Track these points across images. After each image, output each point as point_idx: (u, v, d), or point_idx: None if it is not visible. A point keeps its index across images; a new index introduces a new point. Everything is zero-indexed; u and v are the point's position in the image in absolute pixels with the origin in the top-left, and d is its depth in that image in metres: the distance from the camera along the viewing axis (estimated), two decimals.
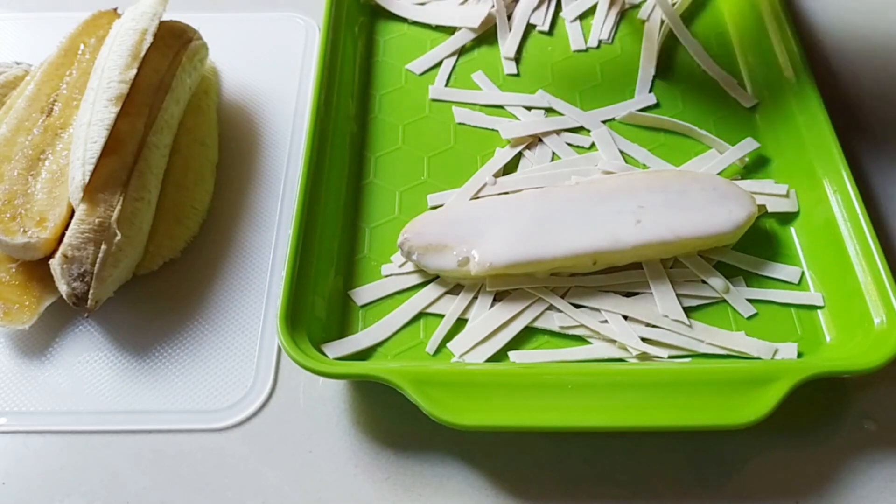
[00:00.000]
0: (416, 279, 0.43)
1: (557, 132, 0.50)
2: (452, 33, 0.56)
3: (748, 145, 0.48)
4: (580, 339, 0.41)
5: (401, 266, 0.44)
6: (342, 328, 0.42)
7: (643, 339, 0.40)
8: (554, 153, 0.49)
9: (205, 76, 0.53)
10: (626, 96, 0.52)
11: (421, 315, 0.42)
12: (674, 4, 0.57)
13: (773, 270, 0.44)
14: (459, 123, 0.51)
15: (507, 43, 0.55)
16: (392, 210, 0.47)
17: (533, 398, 0.37)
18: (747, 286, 0.43)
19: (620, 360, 0.40)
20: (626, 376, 0.38)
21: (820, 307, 0.42)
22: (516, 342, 0.41)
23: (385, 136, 0.50)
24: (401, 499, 0.37)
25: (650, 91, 0.52)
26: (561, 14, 0.58)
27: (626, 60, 0.55)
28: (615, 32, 0.57)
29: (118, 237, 0.41)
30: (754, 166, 0.48)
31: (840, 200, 0.44)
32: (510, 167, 0.48)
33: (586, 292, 0.42)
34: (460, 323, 0.42)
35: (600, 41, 0.56)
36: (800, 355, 0.40)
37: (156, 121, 0.46)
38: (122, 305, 0.43)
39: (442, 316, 0.42)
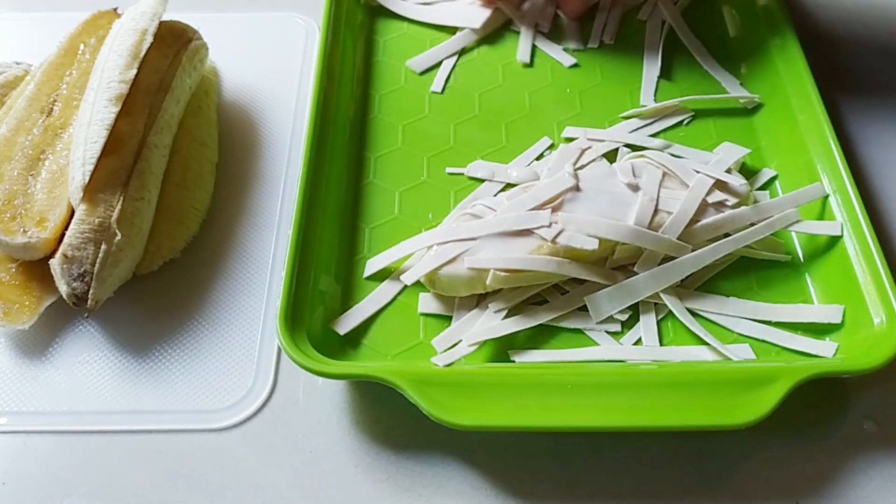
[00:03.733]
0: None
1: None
2: (454, 33, 0.56)
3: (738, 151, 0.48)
4: (580, 340, 0.41)
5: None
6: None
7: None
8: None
9: (205, 76, 0.53)
10: (628, 98, 0.52)
11: (421, 315, 0.42)
12: (675, 3, 0.57)
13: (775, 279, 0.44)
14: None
15: (521, 48, 0.55)
16: (392, 210, 0.47)
17: (533, 398, 0.37)
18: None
19: (621, 360, 0.40)
20: (626, 376, 0.38)
21: (837, 325, 0.41)
22: (517, 342, 0.41)
23: (385, 136, 0.50)
24: (401, 499, 0.37)
25: (654, 93, 0.52)
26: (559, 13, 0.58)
27: (627, 61, 0.55)
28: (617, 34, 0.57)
29: (118, 237, 0.41)
30: (754, 166, 0.48)
31: (840, 200, 0.44)
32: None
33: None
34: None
35: (601, 42, 0.56)
36: (802, 354, 0.40)
37: (156, 121, 0.46)
38: (122, 305, 0.43)
39: (442, 316, 0.42)
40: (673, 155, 0.48)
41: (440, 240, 0.42)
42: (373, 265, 0.44)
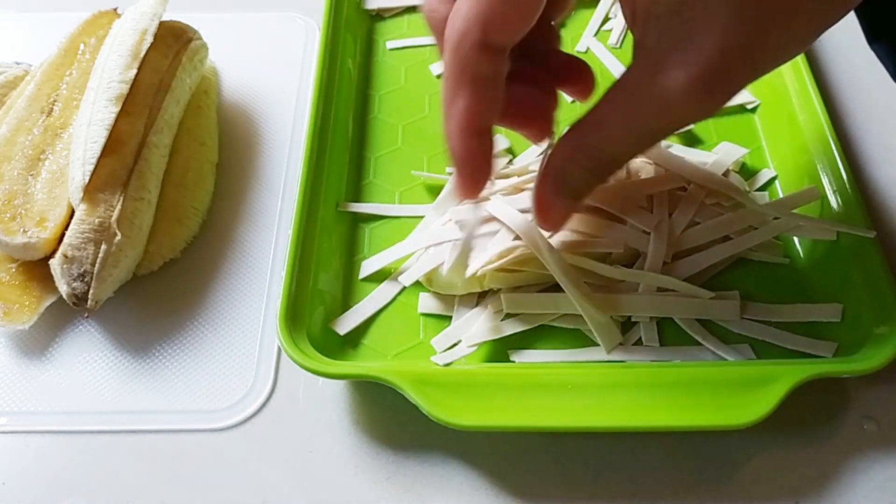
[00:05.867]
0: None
1: None
2: None
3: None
4: (580, 340, 0.41)
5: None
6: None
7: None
8: None
9: (205, 76, 0.53)
10: None
11: (421, 315, 0.42)
12: None
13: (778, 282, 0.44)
14: None
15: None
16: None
17: (533, 398, 0.37)
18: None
19: (621, 360, 0.40)
20: (626, 376, 0.38)
21: (836, 321, 0.41)
22: (517, 342, 0.41)
23: (385, 136, 0.50)
24: (401, 499, 0.37)
25: None
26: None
27: (627, 62, 0.55)
28: (624, 36, 0.56)
29: (118, 237, 0.41)
30: (754, 166, 0.48)
31: (840, 200, 0.44)
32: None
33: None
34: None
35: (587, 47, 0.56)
36: (802, 354, 0.40)
37: (156, 121, 0.46)
38: (122, 305, 0.43)
39: (441, 316, 0.42)
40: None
41: (437, 241, 0.42)
42: (368, 267, 0.44)
